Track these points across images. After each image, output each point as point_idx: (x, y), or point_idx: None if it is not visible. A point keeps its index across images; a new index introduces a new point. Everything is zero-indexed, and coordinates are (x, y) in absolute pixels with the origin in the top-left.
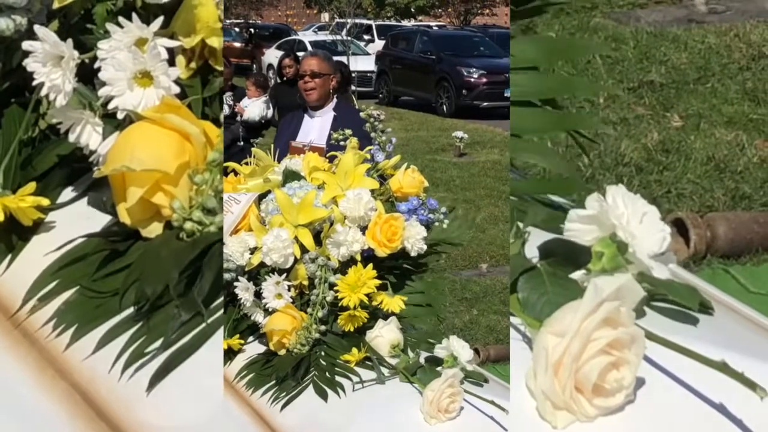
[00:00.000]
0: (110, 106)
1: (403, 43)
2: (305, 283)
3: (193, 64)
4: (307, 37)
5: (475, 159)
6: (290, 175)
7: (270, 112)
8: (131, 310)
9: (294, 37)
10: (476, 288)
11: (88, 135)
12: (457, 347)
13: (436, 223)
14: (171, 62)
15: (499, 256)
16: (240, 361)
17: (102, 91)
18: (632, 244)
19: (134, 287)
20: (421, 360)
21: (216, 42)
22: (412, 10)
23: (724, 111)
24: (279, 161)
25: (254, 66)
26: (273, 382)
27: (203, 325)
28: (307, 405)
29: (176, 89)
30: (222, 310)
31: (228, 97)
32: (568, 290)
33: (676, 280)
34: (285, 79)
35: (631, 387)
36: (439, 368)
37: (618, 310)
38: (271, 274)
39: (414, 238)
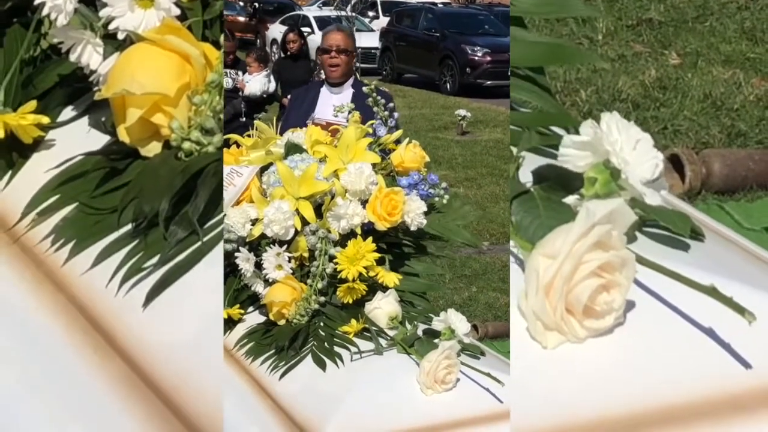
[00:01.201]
0: (111, 27)
1: (407, 20)
2: (305, 254)
3: None
4: (311, 12)
5: (478, 138)
6: (292, 148)
7: (272, 87)
8: (129, 226)
9: (298, 12)
10: (476, 265)
11: (89, 55)
12: (454, 320)
13: (437, 199)
14: None
15: (499, 234)
16: (240, 330)
17: (103, 12)
18: (625, 170)
19: (132, 204)
20: (419, 332)
21: None
22: None
23: (722, 49)
24: None
25: (258, 41)
26: (272, 351)
27: (199, 243)
28: (305, 374)
29: (177, 11)
30: (219, 228)
31: (232, 71)
32: (560, 214)
33: (668, 206)
34: (289, 54)
35: (621, 309)
36: (436, 340)
37: (610, 233)
38: (271, 245)
39: (414, 212)
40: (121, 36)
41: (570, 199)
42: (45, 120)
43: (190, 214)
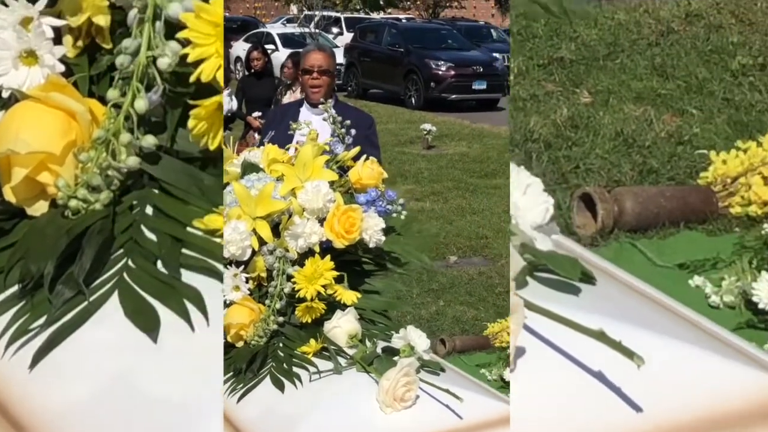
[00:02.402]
0: None
1: (371, 35)
2: (263, 275)
3: (80, 43)
4: (275, 29)
5: (443, 151)
6: (249, 167)
7: (234, 104)
8: (15, 287)
9: (262, 29)
10: (443, 279)
11: None
12: (413, 337)
13: (394, 215)
14: (58, 41)
15: (465, 247)
16: None
17: None
18: (516, 215)
19: (19, 265)
20: (378, 350)
21: (102, 20)
22: (381, 2)
23: (633, 86)
24: None
25: None
26: (230, 374)
27: (85, 303)
28: (264, 396)
29: (61, 68)
30: (109, 285)
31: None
32: None
33: (559, 250)
34: (253, 71)
35: (512, 356)
36: (396, 358)
37: None
38: (228, 266)
39: (372, 229)
40: (5, 94)
41: None
42: None
43: (76, 274)
